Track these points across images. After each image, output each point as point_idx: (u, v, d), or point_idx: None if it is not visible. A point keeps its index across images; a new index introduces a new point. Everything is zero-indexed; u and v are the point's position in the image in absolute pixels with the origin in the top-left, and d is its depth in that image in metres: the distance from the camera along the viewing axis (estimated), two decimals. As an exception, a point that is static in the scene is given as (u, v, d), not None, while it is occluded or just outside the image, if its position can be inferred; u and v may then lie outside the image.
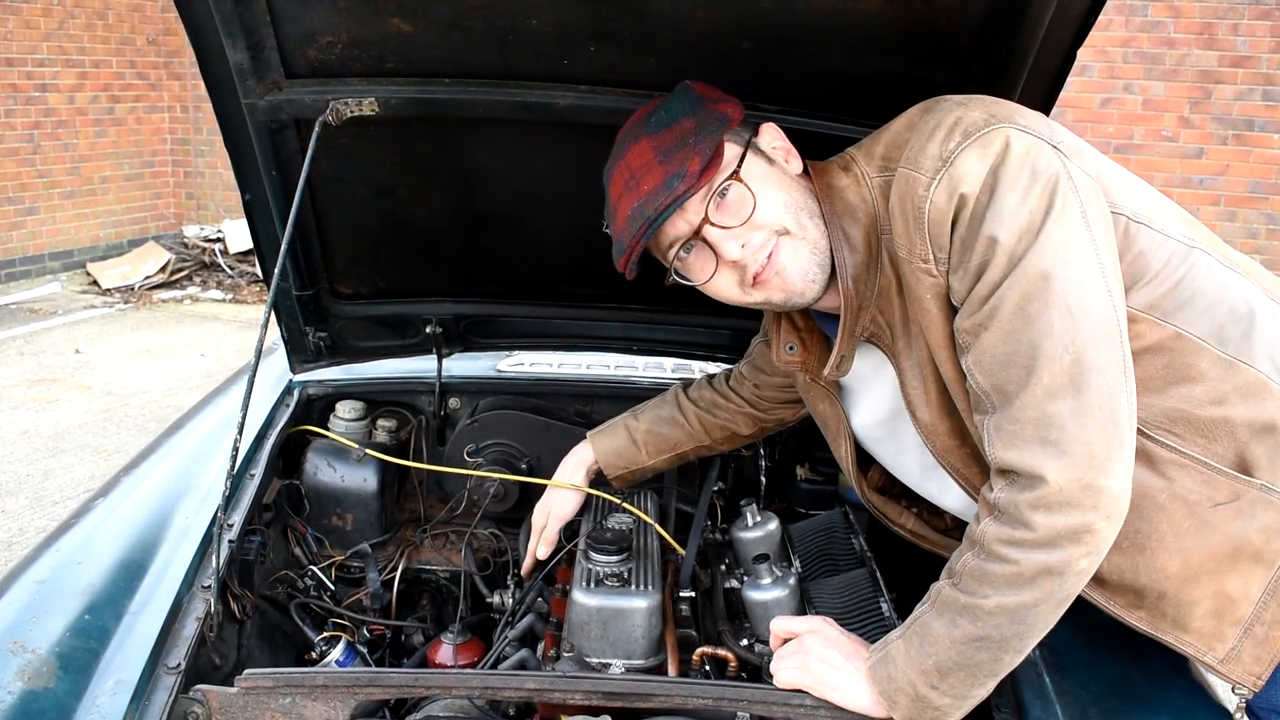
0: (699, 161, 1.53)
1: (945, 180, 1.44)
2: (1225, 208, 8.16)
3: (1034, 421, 1.39)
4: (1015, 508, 1.40)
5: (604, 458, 2.24)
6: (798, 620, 1.69)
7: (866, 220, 1.59)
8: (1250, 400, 1.50)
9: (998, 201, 1.41)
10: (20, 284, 9.56)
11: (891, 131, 1.59)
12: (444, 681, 1.62)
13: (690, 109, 1.60)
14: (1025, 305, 1.39)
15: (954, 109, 1.49)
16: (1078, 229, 1.42)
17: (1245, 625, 1.53)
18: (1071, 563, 1.39)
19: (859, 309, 1.63)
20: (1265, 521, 1.50)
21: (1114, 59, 8.22)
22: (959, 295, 1.47)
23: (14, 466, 5.46)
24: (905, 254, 1.51)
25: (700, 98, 1.61)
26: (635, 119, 1.66)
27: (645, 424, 2.24)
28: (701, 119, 1.58)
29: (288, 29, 1.81)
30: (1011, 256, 1.40)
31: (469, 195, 2.25)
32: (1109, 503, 1.38)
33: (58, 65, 9.78)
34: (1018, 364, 1.40)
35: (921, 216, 1.46)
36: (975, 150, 1.44)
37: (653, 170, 1.56)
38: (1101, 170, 1.53)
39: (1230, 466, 1.50)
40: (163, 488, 2.18)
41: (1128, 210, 1.52)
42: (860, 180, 1.59)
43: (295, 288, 2.34)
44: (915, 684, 1.48)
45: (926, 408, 1.61)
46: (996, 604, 1.42)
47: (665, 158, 1.56)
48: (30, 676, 1.54)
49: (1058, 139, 1.48)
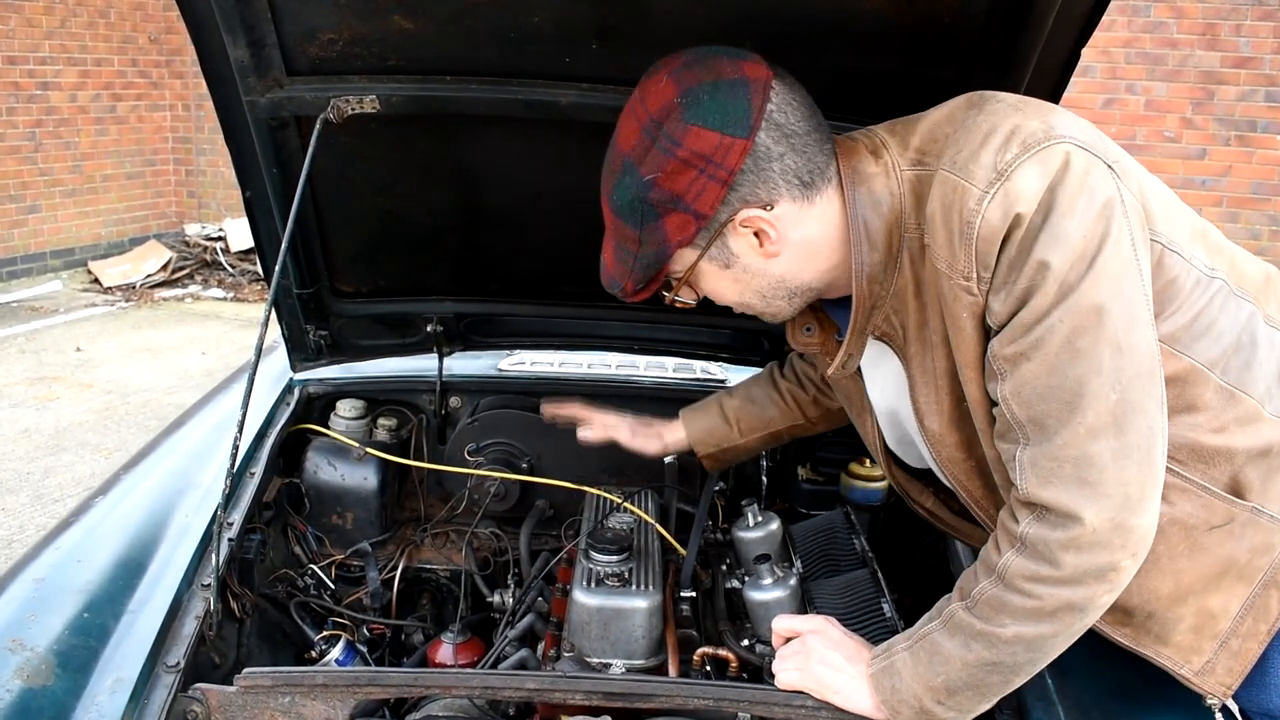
0: (631, 286, 1.55)
1: (1000, 196, 1.33)
2: (1228, 209, 8.15)
3: (1074, 461, 1.35)
4: (1045, 545, 1.37)
5: (695, 435, 2.18)
6: (799, 620, 1.68)
7: (891, 216, 1.48)
8: (1247, 428, 1.49)
9: (1053, 224, 1.32)
10: (22, 282, 9.57)
11: (929, 122, 1.49)
12: (444, 681, 1.62)
13: (639, 218, 1.48)
14: (1075, 339, 1.33)
15: (1010, 114, 1.40)
16: (1129, 259, 1.35)
17: (1222, 639, 1.53)
18: (1094, 599, 1.38)
19: (871, 308, 1.56)
20: (1253, 542, 1.50)
21: (1116, 59, 8.22)
22: (999, 318, 1.38)
23: (14, 464, 5.46)
24: (945, 268, 1.41)
25: (652, 208, 1.46)
26: (605, 161, 1.54)
27: (738, 400, 2.18)
28: (646, 235, 1.48)
29: (289, 26, 1.80)
30: (1063, 285, 1.32)
31: (470, 193, 2.25)
32: (1137, 541, 1.36)
33: (60, 63, 9.78)
34: (1060, 399, 1.35)
35: (970, 232, 1.36)
36: (1034, 166, 1.34)
37: (607, 247, 1.58)
38: (1145, 190, 1.47)
39: (1225, 490, 1.49)
40: (163, 486, 2.17)
41: (1164, 238, 1.46)
42: (890, 171, 1.48)
43: (296, 286, 2.34)
44: (921, 698, 1.47)
45: (937, 418, 1.57)
46: (1014, 634, 1.41)
47: (615, 250, 1.56)
48: (29, 674, 1.53)
49: (1112, 158, 1.41)
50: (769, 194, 1.46)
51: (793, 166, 1.46)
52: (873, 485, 2.43)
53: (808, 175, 1.47)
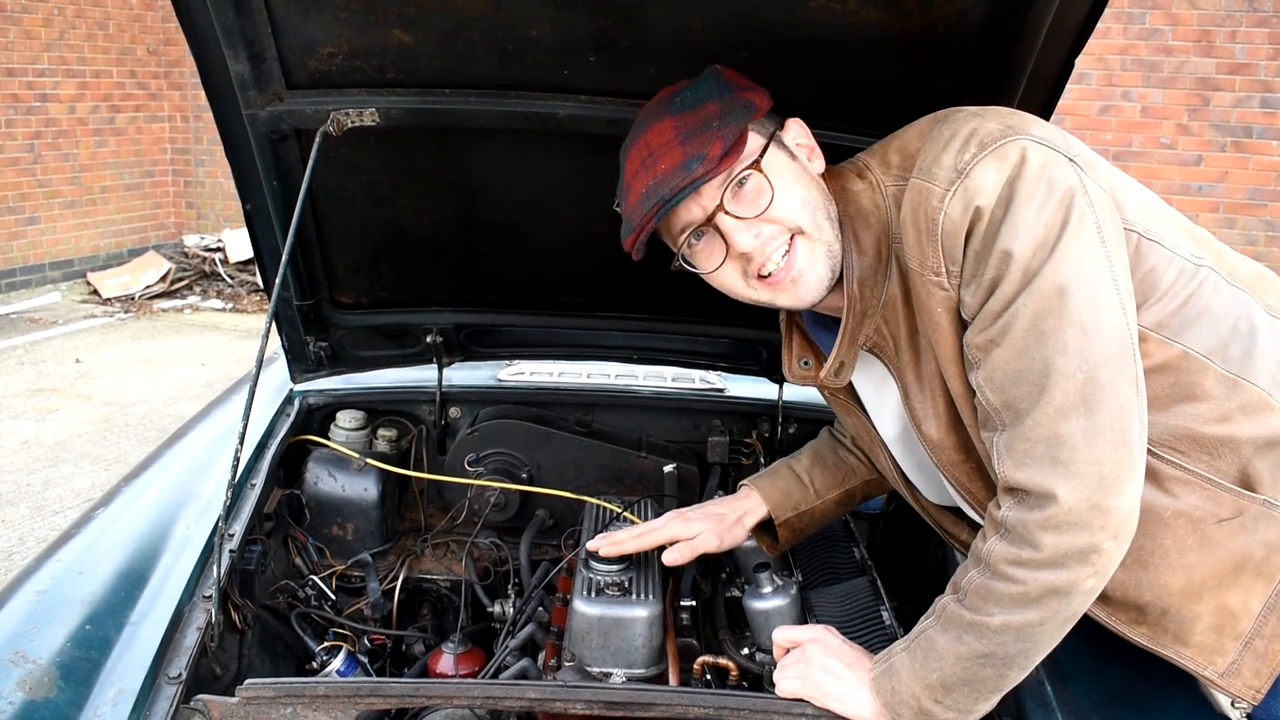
0: (720, 146, 1.49)
1: (960, 192, 1.41)
2: (1224, 214, 8.17)
3: (1045, 440, 1.38)
4: (1024, 527, 1.39)
5: (773, 499, 2.02)
6: (799, 629, 1.68)
7: (879, 227, 1.56)
8: (1253, 417, 1.49)
9: (1013, 215, 1.39)
10: (21, 293, 9.57)
11: (904, 139, 1.58)
12: (445, 691, 1.62)
13: (717, 93, 1.55)
14: (1039, 321, 1.38)
15: (969, 120, 1.47)
16: (1093, 244, 1.40)
17: (1245, 639, 1.53)
18: (1078, 583, 1.39)
19: (863, 315, 1.60)
20: (1267, 536, 1.50)
21: (1112, 66, 8.24)
22: (970, 310, 1.44)
23: (14, 476, 5.46)
24: (916, 266, 1.48)
25: (728, 83, 1.57)
26: (660, 98, 1.61)
27: (807, 460, 2.07)
28: (727, 104, 1.53)
29: (289, 40, 1.81)
30: (1026, 271, 1.38)
31: (469, 205, 2.25)
32: (1117, 523, 1.38)
33: (58, 75, 9.80)
34: (1029, 381, 1.39)
35: (935, 228, 1.44)
36: (991, 162, 1.41)
37: (672, 150, 1.52)
38: (1115, 184, 1.52)
39: (1233, 483, 1.50)
40: (163, 497, 2.18)
41: (1139, 227, 1.50)
42: (875, 187, 1.57)
43: (296, 297, 2.34)
44: (919, 698, 1.48)
45: (934, 423, 1.60)
46: (1002, 622, 1.42)
47: (686, 139, 1.51)
48: (31, 687, 1.53)
49: (1074, 152, 1.47)
50: None
51: None
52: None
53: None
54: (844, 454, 2.06)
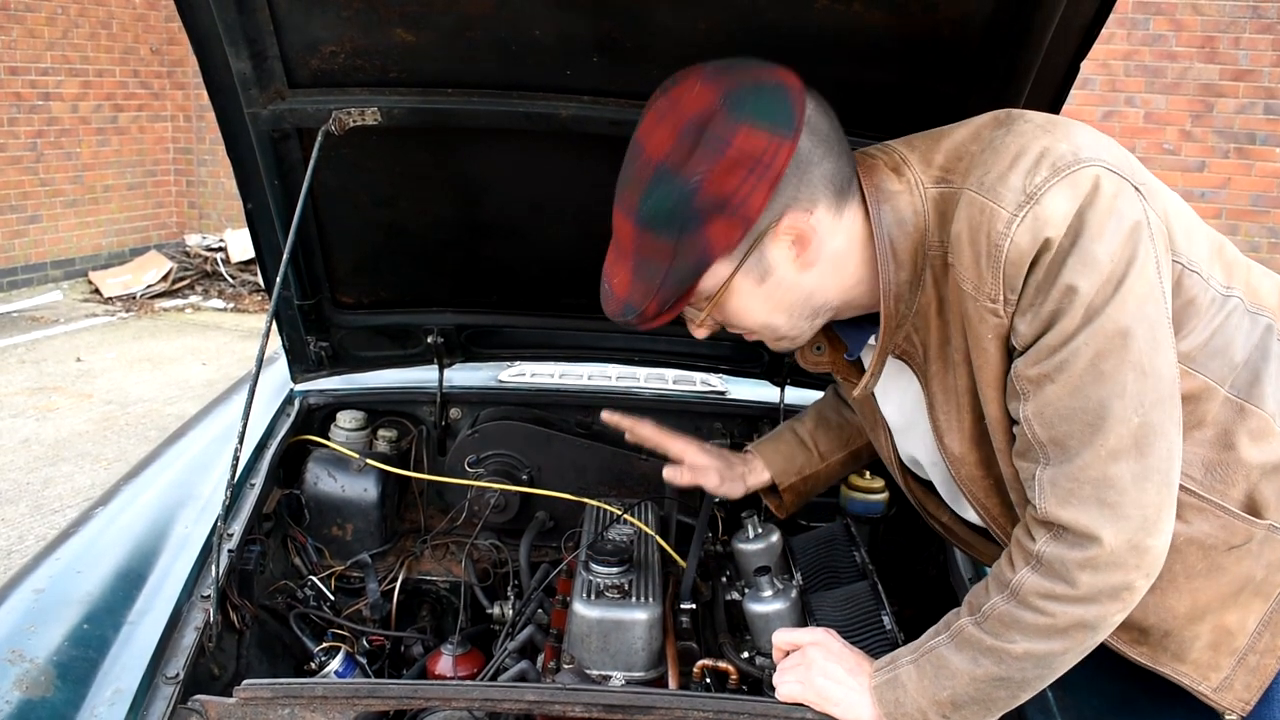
0: (655, 307, 1.43)
1: (1030, 219, 1.33)
2: (1227, 221, 8.17)
3: (1094, 482, 1.35)
4: (1062, 564, 1.38)
5: (776, 465, 2.04)
6: (800, 633, 1.67)
7: (916, 234, 1.46)
8: (1260, 443, 1.48)
9: (1081, 248, 1.32)
10: (22, 292, 9.57)
11: (954, 140, 1.47)
12: (443, 693, 1.62)
13: (677, 228, 1.39)
14: (1099, 362, 1.33)
15: (1039, 135, 1.39)
16: (1154, 282, 1.35)
17: (1240, 655, 1.53)
18: (1107, 617, 1.39)
19: (897, 328, 1.53)
20: (1270, 559, 1.50)
21: (1116, 72, 8.24)
22: (1024, 339, 1.37)
23: (14, 475, 5.46)
24: (971, 289, 1.40)
25: (695, 214, 1.38)
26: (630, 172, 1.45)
27: (810, 423, 2.06)
28: (683, 246, 1.39)
29: (291, 38, 1.81)
30: (1090, 309, 1.32)
31: (471, 205, 2.25)
32: (1151, 562, 1.37)
33: (61, 74, 9.81)
34: (1083, 421, 1.35)
35: (998, 255, 1.35)
36: (1064, 189, 1.33)
37: (621, 270, 1.46)
38: (1169, 211, 1.47)
39: (1242, 509, 1.49)
40: (163, 497, 2.17)
41: (1184, 258, 1.45)
42: (914, 188, 1.46)
43: (297, 297, 2.34)
44: (926, 712, 1.47)
45: (958, 436, 1.56)
46: (1024, 650, 1.41)
47: (635, 270, 1.44)
48: (29, 686, 1.53)
49: (1139, 179, 1.41)
50: (810, 198, 1.42)
51: (830, 172, 1.43)
52: (873, 497, 2.43)
53: (841, 182, 1.45)
54: (848, 413, 2.03)
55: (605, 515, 2.24)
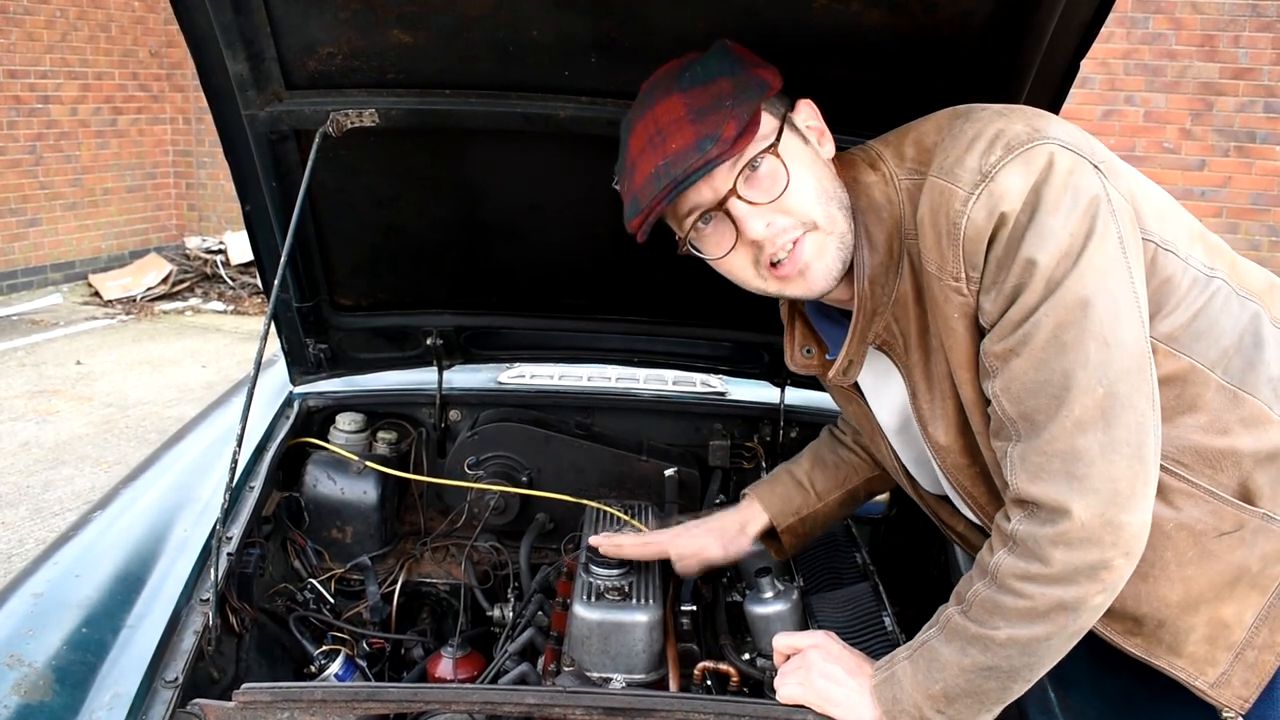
0: (734, 126, 1.42)
1: (985, 196, 1.37)
2: (1227, 219, 8.16)
3: (1061, 455, 1.36)
4: (1035, 542, 1.38)
5: (773, 507, 2.01)
6: (801, 635, 1.67)
7: (890, 222, 1.51)
8: (1254, 430, 1.48)
9: (1039, 222, 1.35)
10: (22, 295, 9.57)
11: (920, 131, 1.53)
12: (443, 696, 1.61)
13: (728, 69, 1.48)
14: (1060, 333, 1.35)
15: (994, 119, 1.43)
16: (1116, 256, 1.37)
17: (1237, 650, 1.52)
18: (1087, 599, 1.38)
19: (873, 313, 1.56)
20: (1265, 550, 1.49)
21: (1115, 71, 8.24)
22: (989, 317, 1.41)
23: (14, 478, 5.45)
24: (935, 270, 1.44)
25: (739, 58, 1.50)
26: (666, 71, 1.54)
27: (806, 463, 2.05)
28: (740, 81, 1.47)
29: (288, 40, 1.81)
30: (1049, 281, 1.35)
31: (469, 206, 2.25)
32: (1129, 539, 1.36)
33: (60, 77, 9.81)
34: (1048, 393, 1.36)
35: (957, 233, 1.39)
36: (1018, 166, 1.37)
37: (682, 128, 1.45)
38: (1135, 191, 1.48)
39: (1234, 496, 1.49)
40: (162, 500, 2.17)
41: (1156, 236, 1.47)
42: (888, 180, 1.52)
43: (296, 299, 2.33)
44: (921, 707, 1.47)
45: (941, 424, 1.57)
46: (1008, 636, 1.41)
47: (698, 117, 1.44)
48: (27, 690, 1.52)
49: (1099, 158, 1.43)
50: None
51: None
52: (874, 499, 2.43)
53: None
54: (844, 453, 2.04)
55: (605, 517, 2.24)
